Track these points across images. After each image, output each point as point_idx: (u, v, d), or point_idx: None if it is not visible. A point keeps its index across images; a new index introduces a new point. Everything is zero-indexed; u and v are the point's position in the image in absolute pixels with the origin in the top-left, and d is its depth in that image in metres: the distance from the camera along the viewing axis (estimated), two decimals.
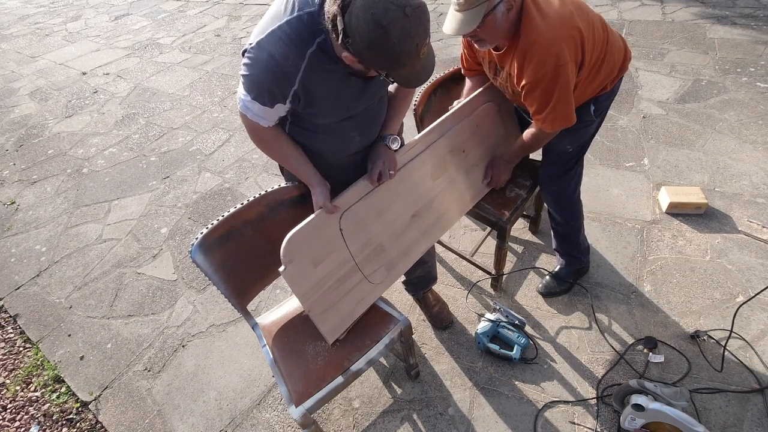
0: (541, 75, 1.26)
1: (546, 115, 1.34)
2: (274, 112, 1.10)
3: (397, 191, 1.38)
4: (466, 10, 1.20)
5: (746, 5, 4.15)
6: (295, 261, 1.16)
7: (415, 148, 1.41)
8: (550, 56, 1.23)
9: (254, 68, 1.01)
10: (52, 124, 3.96)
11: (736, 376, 1.58)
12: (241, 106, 1.10)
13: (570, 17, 1.24)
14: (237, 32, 5.41)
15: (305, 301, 1.23)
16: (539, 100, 1.32)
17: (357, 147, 1.29)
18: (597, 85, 1.42)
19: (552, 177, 1.68)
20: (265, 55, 0.99)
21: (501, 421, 1.55)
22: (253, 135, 1.19)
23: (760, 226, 2.07)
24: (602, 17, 1.39)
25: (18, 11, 7.95)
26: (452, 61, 3.92)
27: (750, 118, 2.76)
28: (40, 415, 1.81)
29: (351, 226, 1.28)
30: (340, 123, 1.19)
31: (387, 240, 1.38)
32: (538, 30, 1.22)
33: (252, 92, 1.05)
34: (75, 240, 2.63)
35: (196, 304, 2.14)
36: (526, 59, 1.26)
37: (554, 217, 1.81)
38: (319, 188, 1.23)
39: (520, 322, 1.75)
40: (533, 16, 1.23)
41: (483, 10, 1.19)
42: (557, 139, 1.51)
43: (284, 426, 1.64)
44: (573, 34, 1.24)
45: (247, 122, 1.14)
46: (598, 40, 1.33)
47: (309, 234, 1.19)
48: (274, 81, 1.02)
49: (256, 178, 2.91)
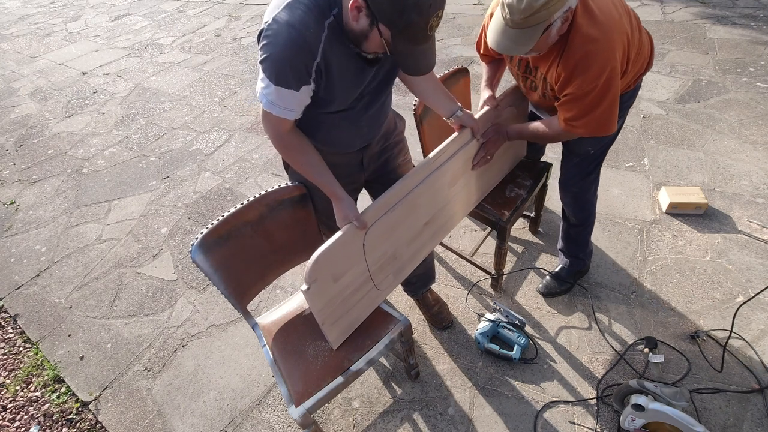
0: (592, 87, 1.17)
1: (586, 121, 1.26)
2: (299, 98, 1.03)
3: (418, 203, 1.33)
4: (521, 29, 1.08)
5: (746, 5, 4.15)
6: (318, 280, 1.12)
7: (440, 158, 1.35)
8: (604, 68, 1.14)
9: (274, 45, 0.94)
10: (52, 124, 3.96)
11: (736, 376, 1.58)
12: (264, 104, 1.03)
13: (620, 22, 1.16)
14: (237, 32, 5.42)
15: (320, 316, 1.21)
16: (580, 108, 1.24)
17: (363, 140, 1.28)
18: (626, 85, 1.36)
19: (574, 179, 1.65)
20: (284, 27, 0.93)
21: (501, 421, 1.55)
22: (277, 141, 1.12)
23: (760, 226, 2.07)
24: (633, 11, 1.33)
25: (18, 11, 7.96)
26: (452, 61, 3.92)
27: (750, 118, 2.76)
28: (40, 415, 1.81)
29: (372, 240, 1.24)
30: (352, 112, 1.16)
31: (400, 248, 1.37)
32: (591, 39, 1.13)
33: (274, 75, 0.97)
34: (75, 240, 2.63)
35: (196, 304, 2.14)
36: (577, 69, 1.17)
37: (569, 219, 1.79)
38: (347, 201, 1.19)
39: (520, 322, 1.75)
40: (584, 23, 1.13)
41: (542, 28, 1.07)
42: (579, 141, 1.47)
43: (284, 426, 1.64)
44: (623, 40, 1.16)
45: (272, 125, 1.08)
46: (635, 41, 1.26)
47: (334, 252, 1.14)
48: (297, 54, 0.95)
49: (256, 178, 2.91)
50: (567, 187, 1.70)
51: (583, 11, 1.14)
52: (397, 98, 3.49)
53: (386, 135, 1.40)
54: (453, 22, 4.69)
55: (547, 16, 1.05)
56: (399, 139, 1.47)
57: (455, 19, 4.71)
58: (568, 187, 1.70)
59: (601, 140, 1.52)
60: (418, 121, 1.68)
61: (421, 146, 1.78)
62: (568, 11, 1.08)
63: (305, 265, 1.12)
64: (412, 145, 1.56)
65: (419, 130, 1.71)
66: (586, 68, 1.16)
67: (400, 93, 3.57)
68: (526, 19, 1.06)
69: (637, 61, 1.33)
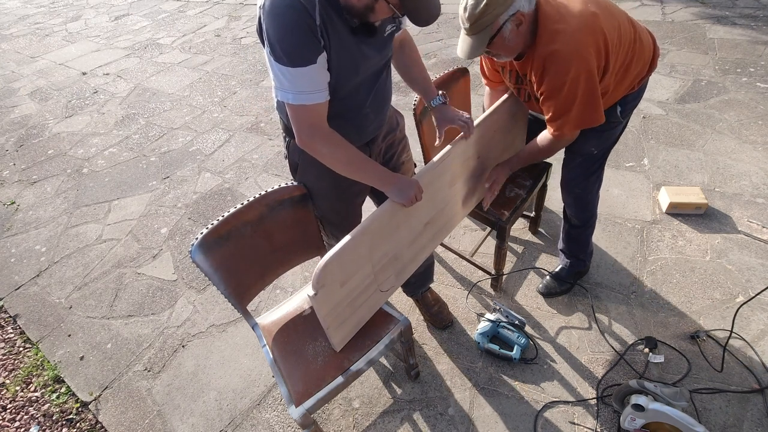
0: (560, 84, 1.21)
1: (562, 122, 1.30)
2: (320, 72, 1.00)
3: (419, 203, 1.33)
4: (474, 35, 1.18)
5: (746, 5, 4.15)
6: (326, 285, 1.12)
7: (441, 158, 1.35)
8: (570, 65, 1.18)
9: (274, 23, 0.93)
10: (52, 124, 3.96)
11: (736, 376, 1.58)
12: (292, 100, 1.01)
13: (592, 20, 1.18)
14: (237, 32, 5.42)
15: (326, 321, 1.20)
16: (556, 107, 1.28)
17: (372, 128, 1.27)
18: (627, 86, 1.37)
19: (577, 180, 1.64)
20: (278, 1, 0.92)
21: (501, 421, 1.55)
22: (316, 137, 1.08)
23: (760, 226, 2.07)
24: (628, 14, 1.33)
25: (18, 11, 7.96)
26: (452, 62, 3.92)
27: (750, 118, 2.76)
28: (40, 415, 1.81)
29: (375, 242, 1.23)
30: (355, 96, 1.15)
31: (401, 249, 1.37)
32: (557, 37, 1.17)
33: (286, 55, 0.94)
34: (75, 240, 2.63)
35: (196, 304, 2.14)
36: (545, 68, 1.22)
37: (571, 220, 1.78)
38: (404, 179, 1.19)
39: (520, 323, 1.75)
40: (551, 22, 1.18)
41: (489, 33, 1.16)
42: (582, 142, 1.47)
43: (284, 426, 1.64)
44: (596, 39, 1.18)
45: (307, 120, 1.05)
46: (625, 40, 1.27)
47: (343, 257, 1.14)
48: (299, 17, 0.93)
49: (256, 178, 2.91)
50: (569, 188, 1.69)
51: (550, 11, 1.19)
52: (397, 98, 3.49)
53: (391, 130, 1.40)
54: (453, 23, 4.69)
55: (491, 19, 1.15)
56: (402, 136, 1.46)
57: (455, 19, 4.71)
58: (570, 188, 1.69)
59: (603, 141, 1.52)
60: (418, 121, 1.69)
61: (420, 146, 1.78)
62: (517, 14, 1.16)
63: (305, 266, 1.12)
64: (411, 145, 1.56)
65: (419, 130, 1.71)
66: (552, 66, 1.20)
67: (400, 93, 3.57)
68: (474, 26, 1.16)
69: (633, 60, 1.32)
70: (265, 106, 3.73)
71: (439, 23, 4.71)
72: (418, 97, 1.67)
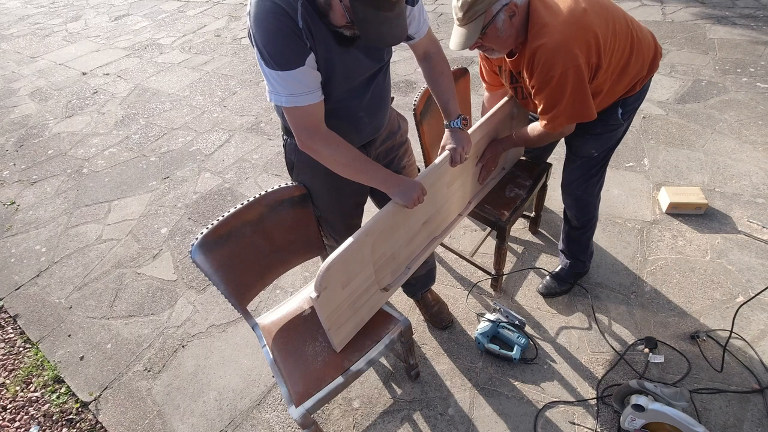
0: (548, 78, 1.23)
1: (553, 115, 1.31)
2: (310, 73, 1.00)
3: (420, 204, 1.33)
4: (465, 25, 1.20)
5: (746, 5, 4.15)
6: (329, 287, 1.12)
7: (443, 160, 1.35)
8: (557, 59, 1.19)
9: (259, 28, 0.93)
10: (52, 124, 3.96)
11: (736, 376, 1.58)
12: (285, 102, 1.01)
13: (582, 16, 1.19)
14: (237, 32, 5.42)
15: (328, 322, 1.20)
16: (546, 101, 1.30)
17: (368, 131, 1.26)
18: (625, 86, 1.37)
19: (577, 182, 1.64)
20: (260, 6, 0.92)
21: (501, 421, 1.55)
22: (314, 139, 1.08)
23: (760, 227, 2.07)
24: (626, 13, 1.34)
25: (18, 11, 7.96)
26: (452, 62, 3.89)
27: (750, 118, 2.76)
28: (40, 415, 1.81)
29: (376, 242, 1.23)
30: (348, 100, 1.14)
31: (398, 248, 1.37)
32: (546, 32, 1.19)
33: (273, 59, 0.95)
34: (75, 240, 2.63)
35: (196, 304, 2.14)
36: (534, 62, 1.23)
37: (571, 222, 1.78)
38: (407, 181, 1.17)
39: (520, 323, 1.75)
40: (541, 18, 1.20)
41: (482, 22, 1.18)
42: (582, 143, 1.47)
43: (284, 426, 1.64)
44: (585, 35, 1.19)
45: (302, 122, 1.05)
46: (620, 38, 1.28)
47: (346, 259, 1.13)
48: (281, 22, 0.93)
49: (256, 178, 2.91)
50: (569, 189, 1.69)
51: (540, 7, 1.21)
52: (397, 98, 3.49)
53: (391, 134, 1.39)
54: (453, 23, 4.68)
55: (484, 8, 1.17)
56: (404, 140, 1.46)
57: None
58: (570, 190, 1.69)
59: (604, 143, 1.52)
60: (418, 121, 1.68)
61: (420, 146, 1.78)
62: (510, 4, 1.18)
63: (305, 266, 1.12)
64: (412, 145, 1.56)
65: (419, 131, 1.71)
66: (540, 60, 1.22)
67: (400, 93, 3.57)
68: (467, 14, 1.18)
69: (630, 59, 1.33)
70: (265, 106, 3.73)
71: (440, 23, 4.71)
72: (418, 98, 1.67)
